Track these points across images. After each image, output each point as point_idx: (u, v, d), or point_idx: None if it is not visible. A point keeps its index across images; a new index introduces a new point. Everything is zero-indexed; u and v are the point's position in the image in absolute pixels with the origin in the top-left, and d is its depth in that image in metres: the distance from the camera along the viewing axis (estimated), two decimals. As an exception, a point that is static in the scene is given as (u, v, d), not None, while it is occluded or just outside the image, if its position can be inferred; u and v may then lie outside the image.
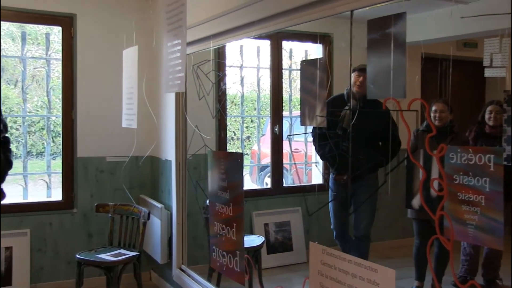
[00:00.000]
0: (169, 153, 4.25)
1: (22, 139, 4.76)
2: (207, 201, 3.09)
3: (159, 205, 4.34)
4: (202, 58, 3.67)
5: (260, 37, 3.03)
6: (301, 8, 2.49)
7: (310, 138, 4.78)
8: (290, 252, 5.12)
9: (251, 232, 4.91)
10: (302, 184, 5.61)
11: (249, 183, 6.79)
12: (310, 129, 4.15)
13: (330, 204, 4.08)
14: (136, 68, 3.82)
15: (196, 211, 4.13)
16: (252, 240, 4.08)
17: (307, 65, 2.74)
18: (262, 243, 4.09)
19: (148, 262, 4.72)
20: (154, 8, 4.63)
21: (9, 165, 3.42)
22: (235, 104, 6.40)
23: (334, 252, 2.10)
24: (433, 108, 3.89)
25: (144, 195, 4.77)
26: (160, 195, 4.59)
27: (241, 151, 3.89)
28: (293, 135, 5.51)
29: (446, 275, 3.90)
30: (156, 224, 4.33)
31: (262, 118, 6.22)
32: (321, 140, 3.81)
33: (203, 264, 4.19)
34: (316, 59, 2.68)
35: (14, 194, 4.41)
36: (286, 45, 5.22)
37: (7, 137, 3.45)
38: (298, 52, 5.51)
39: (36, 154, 10.46)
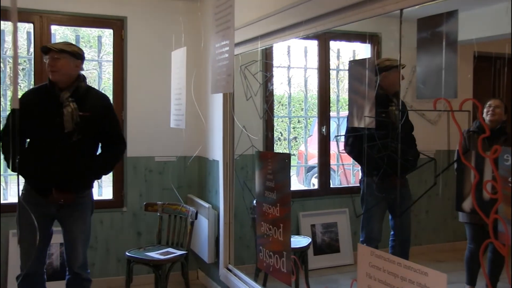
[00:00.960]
0: (217, 153, 4.28)
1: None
2: (254, 201, 3.09)
3: (206, 204, 4.38)
4: (249, 59, 3.67)
5: (307, 37, 3.01)
6: (349, 7, 2.46)
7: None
8: (337, 253, 5.07)
9: (298, 233, 4.89)
10: (350, 185, 5.55)
11: (296, 183, 6.76)
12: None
13: (365, 214, 4.00)
14: (184, 69, 3.87)
15: (243, 211, 4.14)
16: (299, 241, 4.07)
17: (355, 65, 2.71)
18: (309, 244, 4.08)
19: (196, 261, 4.78)
20: (202, 10, 4.68)
21: (109, 166, 3.59)
22: (282, 105, 6.38)
23: (383, 254, 2.06)
24: (488, 103, 3.79)
25: (192, 195, 4.83)
26: (208, 195, 4.63)
27: (288, 152, 3.88)
28: (341, 135, 5.44)
29: (500, 281, 3.77)
30: (203, 223, 4.37)
31: (309, 119, 6.18)
32: (360, 143, 3.74)
33: (250, 264, 4.20)
34: (365, 59, 2.64)
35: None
36: (334, 45, 5.16)
37: (122, 146, 3.60)
38: (345, 52, 5.44)
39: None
